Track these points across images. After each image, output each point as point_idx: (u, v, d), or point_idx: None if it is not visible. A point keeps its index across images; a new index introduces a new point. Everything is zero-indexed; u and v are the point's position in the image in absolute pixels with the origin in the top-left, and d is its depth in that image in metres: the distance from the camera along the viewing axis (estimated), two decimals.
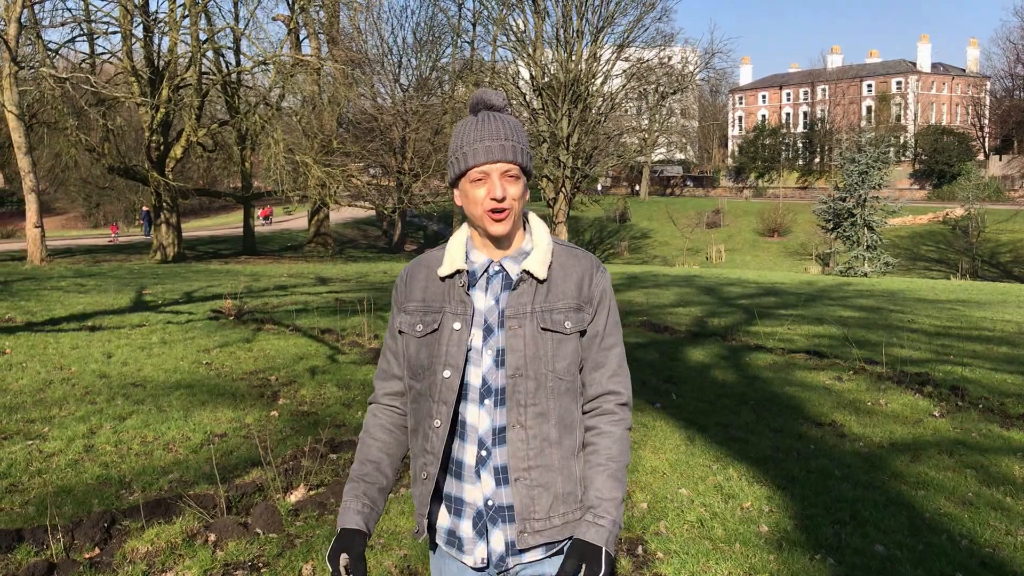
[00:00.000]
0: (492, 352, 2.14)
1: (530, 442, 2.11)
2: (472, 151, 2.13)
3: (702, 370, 9.46)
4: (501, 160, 2.12)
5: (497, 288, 2.19)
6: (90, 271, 22.54)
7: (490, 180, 2.12)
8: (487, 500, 2.14)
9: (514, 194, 2.14)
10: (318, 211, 41.44)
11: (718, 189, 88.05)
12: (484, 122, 2.16)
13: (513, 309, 2.14)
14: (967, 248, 52.75)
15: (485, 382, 2.14)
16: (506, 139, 2.13)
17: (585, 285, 2.21)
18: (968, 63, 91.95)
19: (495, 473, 2.13)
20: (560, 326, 2.15)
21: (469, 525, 2.17)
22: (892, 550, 4.55)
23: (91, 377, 8.64)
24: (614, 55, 42.63)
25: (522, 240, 2.25)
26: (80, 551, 4.40)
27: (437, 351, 2.16)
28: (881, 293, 19.49)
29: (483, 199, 2.12)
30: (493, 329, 2.15)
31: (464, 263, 2.21)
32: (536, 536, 2.12)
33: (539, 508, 2.12)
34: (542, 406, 2.12)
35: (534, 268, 2.16)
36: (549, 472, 2.13)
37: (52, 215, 61.25)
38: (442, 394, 2.14)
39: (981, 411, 7.48)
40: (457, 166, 2.16)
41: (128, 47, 30.22)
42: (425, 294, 2.24)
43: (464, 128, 2.17)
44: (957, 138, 75.33)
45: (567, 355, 2.16)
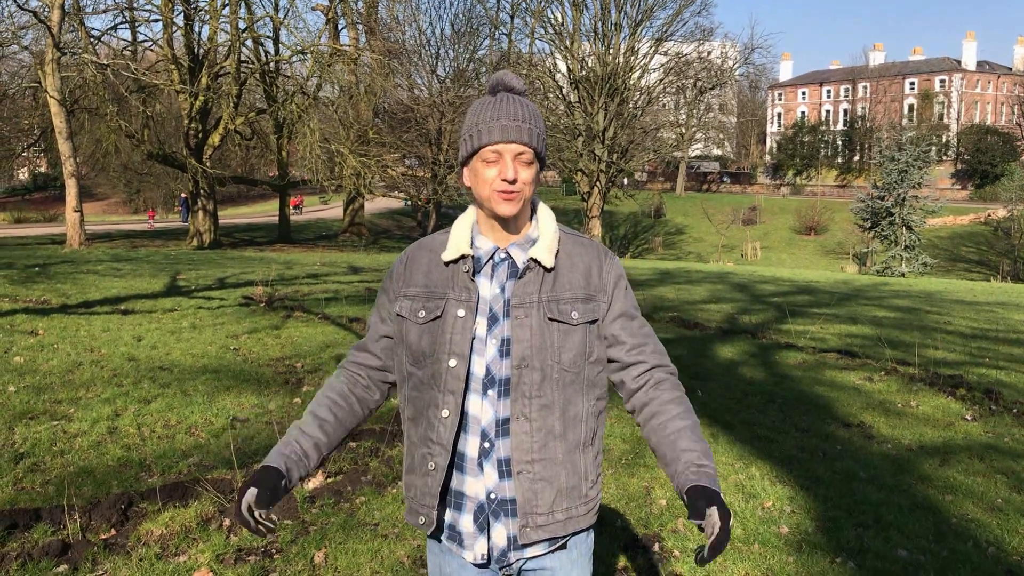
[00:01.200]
0: (497, 341, 2.08)
1: (534, 435, 2.05)
2: (487, 129, 2.05)
3: (730, 367, 9.35)
4: (517, 141, 2.05)
5: (503, 276, 2.13)
6: (127, 256, 22.82)
7: (503, 161, 2.05)
8: (490, 493, 2.08)
9: (526, 178, 2.07)
10: (353, 201, 41.68)
11: (755, 186, 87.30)
12: (502, 102, 2.09)
13: (519, 298, 2.08)
14: (1008, 250, 51.79)
15: (489, 372, 2.08)
16: (523, 121, 2.06)
17: (594, 275, 2.15)
18: (1015, 62, 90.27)
19: (498, 465, 2.08)
20: (567, 316, 2.09)
21: (470, 519, 2.11)
22: (915, 555, 4.45)
23: (120, 360, 8.72)
24: (652, 49, 42.34)
25: (529, 227, 2.18)
26: (96, 532, 4.42)
27: (440, 339, 2.09)
28: (918, 294, 19.18)
29: (493, 179, 2.06)
30: (498, 318, 2.09)
31: (469, 248, 2.14)
32: (539, 531, 2.07)
33: (542, 502, 2.06)
34: (547, 398, 2.06)
35: (541, 256, 2.10)
36: (553, 466, 2.07)
37: (93, 200, 62.25)
38: (448, 383, 2.07)
39: (1015, 416, 7.31)
40: (470, 143, 2.08)
41: (169, 35, 30.54)
42: (428, 279, 2.16)
43: (480, 106, 2.10)
44: (1001, 138, 74.04)
45: (573, 346, 2.09)
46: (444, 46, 49.64)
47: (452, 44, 49.46)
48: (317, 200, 68.13)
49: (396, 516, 4.79)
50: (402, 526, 4.66)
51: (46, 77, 25.62)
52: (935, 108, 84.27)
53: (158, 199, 61.02)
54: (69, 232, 26.71)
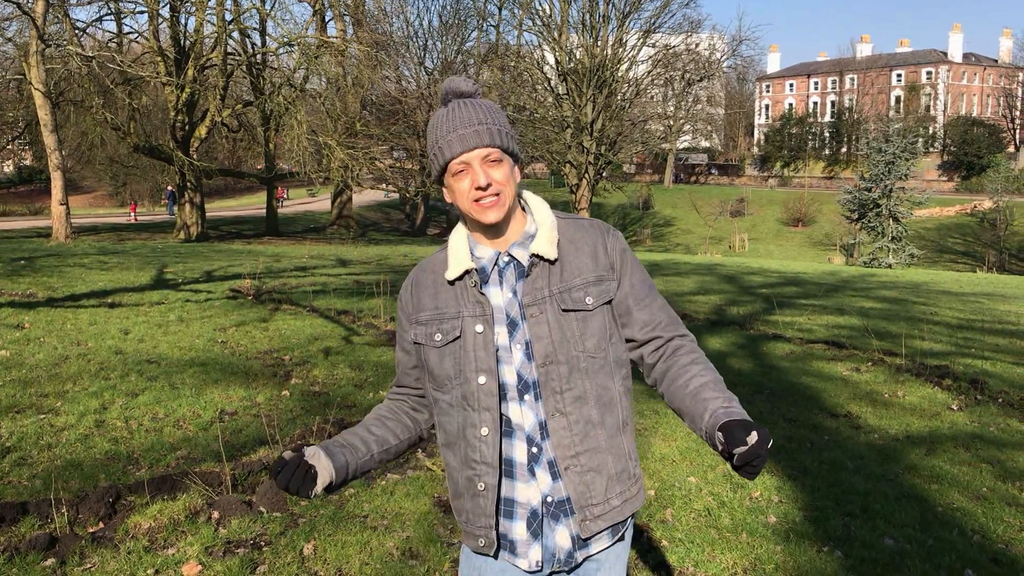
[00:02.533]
0: (521, 346, 2.05)
1: (572, 428, 2.03)
2: (447, 143, 2.01)
3: (719, 358, 9.37)
4: (478, 146, 2.00)
5: (511, 279, 2.09)
6: (113, 249, 22.70)
7: (471, 169, 2.01)
8: (546, 497, 2.05)
9: (499, 178, 2.02)
10: (341, 193, 41.58)
11: (743, 178, 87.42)
12: (454, 111, 2.04)
13: (530, 296, 2.05)
14: (994, 241, 52.11)
15: (521, 378, 2.04)
16: (479, 123, 2.01)
17: (600, 254, 2.11)
18: (1000, 54, 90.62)
19: (549, 467, 2.05)
20: (581, 304, 2.06)
21: (523, 526, 2.07)
22: (902, 544, 4.48)
23: (107, 353, 8.68)
24: (640, 41, 42.30)
25: (524, 223, 2.14)
26: (84, 525, 4.41)
27: (464, 358, 2.05)
28: (905, 285, 19.27)
29: (468, 190, 2.02)
30: (517, 322, 2.05)
31: (471, 261, 2.09)
32: (598, 521, 2.05)
33: (595, 493, 2.04)
34: (578, 389, 2.04)
35: (543, 249, 2.06)
36: (598, 454, 2.05)
37: (79, 193, 61.85)
38: (482, 401, 2.03)
39: (1001, 405, 7.36)
40: (436, 162, 2.04)
41: (155, 26, 30.37)
42: (436, 301, 2.12)
43: (436, 123, 2.05)
44: (987, 129, 74.36)
45: (595, 332, 2.07)
46: (432, 38, 49.57)
47: (440, 36, 49.40)
48: (305, 192, 68.10)
49: (385, 508, 4.79)
50: (391, 518, 4.66)
51: (30, 69, 25.45)
52: (922, 100, 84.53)
53: (144, 192, 60.69)
54: (55, 225, 26.56)
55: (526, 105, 40.58)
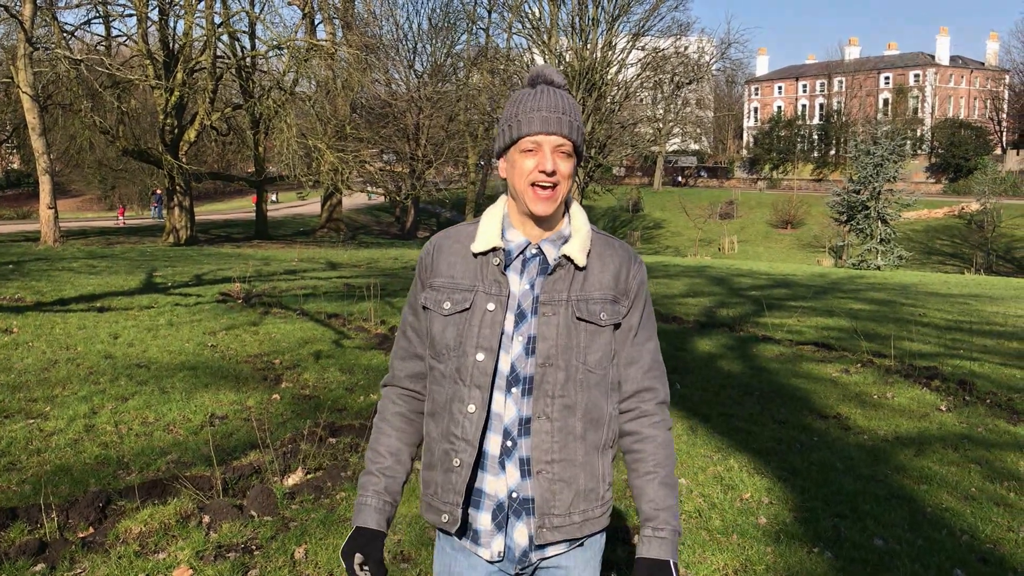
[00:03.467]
0: (523, 339, 2.04)
1: (555, 435, 2.02)
2: (527, 119, 2.02)
3: (708, 360, 9.40)
4: (557, 133, 2.01)
5: (533, 272, 2.08)
6: (102, 252, 22.62)
7: (541, 152, 2.01)
8: (512, 492, 2.05)
9: (564, 171, 2.03)
10: (330, 196, 41.49)
11: (732, 180, 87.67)
12: (543, 93, 2.05)
13: (548, 295, 2.04)
14: (982, 243, 52.38)
15: (514, 369, 2.04)
16: (564, 113, 2.03)
17: (623, 277, 2.12)
18: (987, 56, 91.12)
19: (520, 464, 2.05)
20: (595, 317, 2.06)
21: (488, 517, 2.07)
22: (891, 544, 4.50)
23: (96, 357, 8.65)
24: (629, 44, 42.40)
25: (562, 224, 2.14)
26: (74, 530, 4.40)
27: (468, 332, 2.05)
28: (893, 286, 19.35)
29: (531, 171, 2.02)
30: (526, 315, 2.05)
31: (500, 241, 2.09)
32: (555, 532, 2.05)
33: (559, 503, 2.04)
34: (570, 398, 2.03)
35: (574, 254, 2.06)
36: (572, 467, 2.05)
37: (68, 197, 61.60)
38: (475, 378, 2.03)
39: (989, 406, 7.40)
40: (509, 133, 2.05)
41: (143, 30, 30.24)
42: (454, 270, 2.11)
43: (521, 97, 2.07)
44: (974, 132, 74.74)
45: (600, 347, 2.07)
46: (421, 41, 49.63)
47: (429, 39, 49.45)
48: (294, 196, 67.91)
49: None
50: None
51: (18, 72, 25.32)
52: (909, 102, 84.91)
53: (133, 195, 60.44)
54: (43, 229, 26.43)
55: None
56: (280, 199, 67.04)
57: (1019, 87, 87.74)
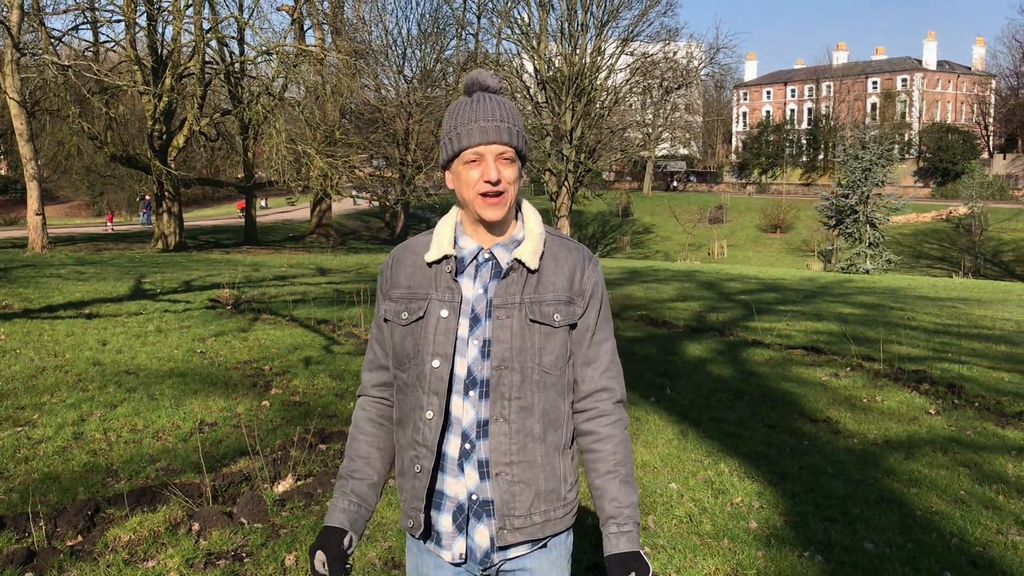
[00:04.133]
0: (478, 342, 2.07)
1: (513, 436, 2.05)
2: (467, 131, 2.05)
3: (698, 365, 9.42)
4: (496, 142, 2.04)
5: (486, 276, 2.12)
6: (91, 259, 22.53)
7: (484, 162, 2.04)
8: (471, 494, 2.08)
9: (509, 177, 2.06)
10: (320, 202, 41.39)
11: (721, 185, 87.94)
12: (479, 103, 2.08)
13: (501, 299, 2.07)
14: (970, 246, 52.63)
15: (470, 373, 2.07)
16: (502, 120, 2.05)
17: (577, 278, 2.14)
18: (974, 61, 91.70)
19: (479, 467, 2.07)
20: (549, 318, 2.08)
21: (449, 519, 2.10)
22: (881, 548, 4.51)
23: (84, 364, 8.61)
24: (618, 49, 42.49)
25: (514, 228, 2.17)
26: (62, 539, 4.37)
27: (424, 339, 2.08)
28: (882, 290, 19.42)
29: (476, 181, 2.05)
30: (480, 319, 2.08)
31: (452, 248, 2.13)
32: (515, 533, 2.06)
33: (520, 505, 2.06)
34: (527, 400, 2.06)
35: (526, 257, 2.09)
36: (531, 468, 2.07)
37: (55, 203, 61.31)
38: (432, 384, 2.07)
39: (977, 409, 7.43)
40: (450, 147, 2.08)
41: (131, 35, 30.14)
42: (411, 280, 2.15)
43: (458, 108, 2.09)
44: (962, 136, 75.19)
45: (555, 348, 2.09)
46: (411, 46, 49.51)
47: (419, 44, 49.33)
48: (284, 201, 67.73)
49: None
50: (372, 528, 4.65)
51: (6, 78, 25.20)
52: (897, 107, 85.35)
53: (122, 201, 60.19)
54: (31, 235, 26.29)
55: None
56: (269, 205, 66.84)
57: (1005, 92, 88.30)
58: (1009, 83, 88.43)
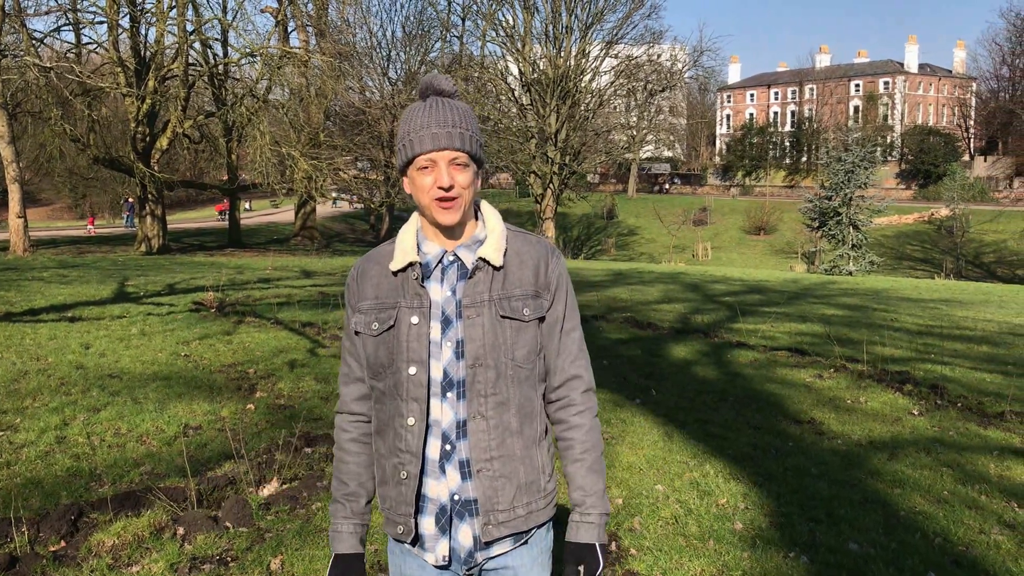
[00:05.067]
0: (452, 344, 2.09)
1: (491, 432, 2.07)
2: (419, 138, 2.06)
3: (683, 367, 9.45)
4: (448, 148, 2.05)
5: (453, 278, 2.13)
6: (73, 262, 22.38)
7: (437, 168, 2.06)
8: (453, 495, 2.09)
9: (462, 182, 2.07)
10: (304, 204, 41.27)
11: (705, 187, 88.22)
12: (432, 108, 2.08)
13: (470, 298, 2.09)
14: (952, 248, 53.01)
15: (446, 375, 2.08)
16: (453, 126, 2.06)
17: (542, 272, 2.16)
18: (955, 64, 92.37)
19: (460, 467, 2.08)
20: (519, 313, 2.10)
21: (432, 521, 2.11)
22: (866, 548, 4.54)
23: (67, 368, 8.55)
24: (603, 52, 42.59)
25: (475, 228, 2.19)
26: (45, 544, 4.34)
27: (397, 348, 2.10)
28: (865, 292, 19.53)
29: (430, 187, 2.06)
30: (451, 320, 2.10)
31: (416, 255, 2.14)
32: (500, 528, 2.08)
33: (503, 499, 2.08)
34: (502, 395, 2.08)
35: (490, 255, 2.11)
36: (511, 462, 2.09)
37: (38, 206, 60.90)
38: (411, 391, 2.08)
39: (960, 410, 7.48)
40: (404, 153, 2.09)
41: (114, 37, 29.97)
42: (378, 291, 2.16)
43: (411, 114, 2.10)
44: (943, 139, 75.73)
45: (526, 343, 2.12)
46: (395, 48, 49.53)
47: (403, 46, 49.36)
48: (268, 204, 67.55)
49: None
50: None
51: None
52: (879, 109, 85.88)
53: (105, 204, 59.81)
54: (12, 239, 26.12)
55: (490, 116, 40.61)
56: (253, 207, 66.66)
57: (986, 94, 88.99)
58: (989, 86, 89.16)
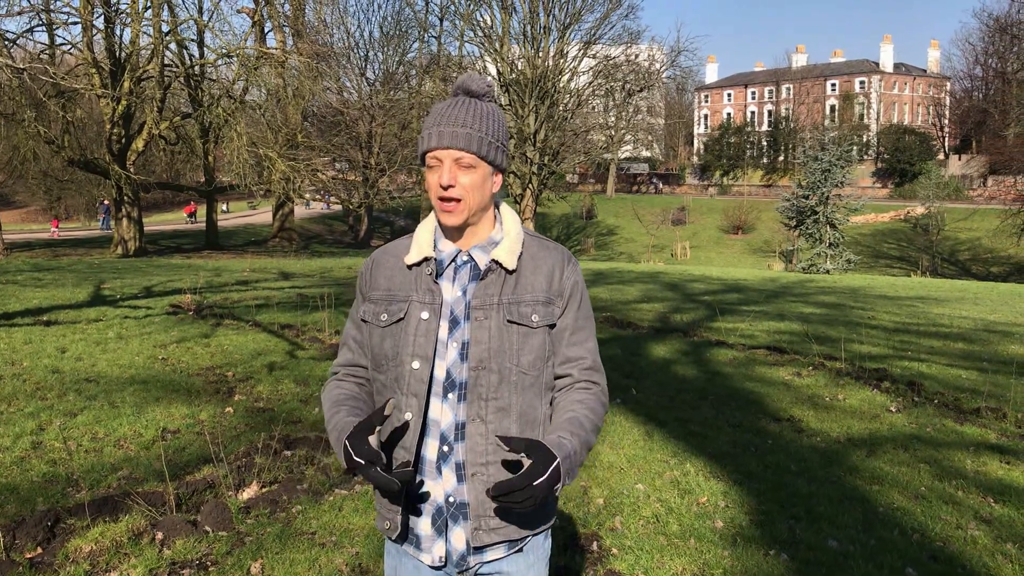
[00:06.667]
0: (458, 345, 2.07)
1: (489, 437, 2.04)
2: (428, 135, 2.06)
3: (663, 366, 9.47)
4: (451, 147, 2.03)
5: (465, 278, 2.11)
6: (48, 265, 22.16)
7: (442, 167, 2.05)
8: (448, 496, 2.06)
9: (465, 183, 2.04)
10: (282, 206, 41.11)
11: (683, 187, 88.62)
12: (450, 107, 2.07)
13: (479, 300, 2.07)
14: (927, 246, 53.51)
15: (449, 375, 2.06)
16: (463, 126, 2.04)
17: (556, 278, 2.14)
18: (929, 64, 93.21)
19: (456, 469, 2.06)
20: (527, 319, 2.08)
21: (428, 522, 2.09)
22: (845, 545, 4.57)
23: (43, 372, 8.46)
24: (581, 52, 42.70)
25: (492, 229, 2.17)
26: (21, 551, 4.29)
27: (404, 340, 2.08)
28: (842, 290, 19.67)
29: (434, 186, 2.06)
30: (459, 321, 2.08)
31: (432, 251, 2.13)
32: (491, 534, 2.05)
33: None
34: (504, 400, 2.05)
35: (503, 258, 2.09)
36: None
37: (11, 208, 60.34)
38: (411, 386, 2.05)
39: (936, 406, 7.55)
40: (418, 148, 2.11)
41: (89, 38, 29.73)
42: (391, 282, 2.15)
43: (433, 110, 2.10)
44: (918, 138, 76.46)
45: (533, 349, 2.09)
46: (373, 49, 49.54)
47: (381, 47, 49.29)
48: (245, 205, 67.18)
49: (334, 524, 4.74)
50: (339, 534, 4.62)
51: None
52: (855, 109, 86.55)
53: (80, 206, 59.31)
54: None
55: None
56: (231, 209, 66.27)
57: (960, 94, 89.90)
58: (963, 85, 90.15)
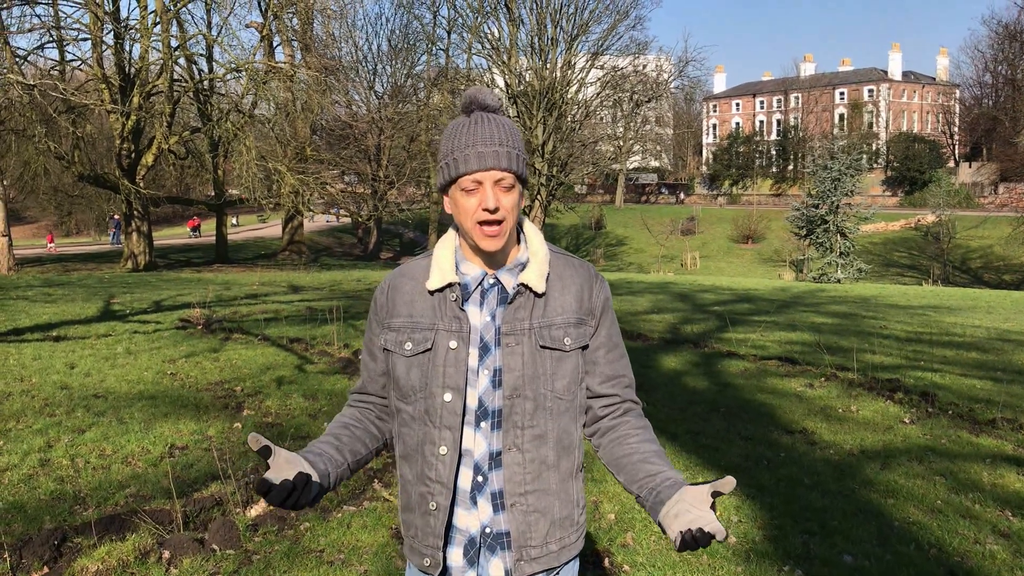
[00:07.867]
0: (489, 372, 1.99)
1: (527, 466, 1.98)
2: (463, 157, 1.94)
3: (674, 377, 9.41)
4: (495, 168, 1.93)
5: (493, 303, 2.03)
6: (59, 280, 22.22)
7: (483, 190, 1.94)
8: (485, 527, 2.01)
9: (508, 205, 1.95)
10: (292, 219, 41.21)
11: (692, 196, 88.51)
12: (477, 124, 1.97)
13: (510, 325, 1.99)
14: (938, 254, 53.28)
15: (482, 404, 1.99)
16: (500, 144, 1.95)
17: (585, 297, 2.07)
18: (938, 72, 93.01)
19: (492, 499, 2.00)
20: (559, 343, 2.01)
21: (460, 553, 2.03)
22: (860, 560, 4.50)
23: (52, 388, 8.45)
24: (588, 63, 42.78)
25: (518, 251, 2.08)
26: (27, 570, 4.25)
27: (432, 372, 2.00)
28: (854, 299, 19.57)
29: (475, 210, 1.94)
30: (490, 347, 2.00)
31: (455, 275, 2.03)
32: (533, 564, 2.00)
33: (536, 534, 2.00)
34: (540, 428, 1.99)
35: (532, 281, 2.01)
36: (546, 496, 2.01)
37: (23, 224, 60.60)
38: (444, 419, 1.98)
39: (951, 417, 7.47)
40: (447, 172, 1.97)
41: (98, 54, 29.88)
42: (412, 309, 2.05)
43: (456, 130, 1.99)
44: (928, 145, 76.22)
45: (567, 373, 2.03)
46: (381, 62, 49.61)
47: (389, 60, 49.43)
48: (255, 219, 67.41)
49: (342, 542, 4.69)
50: (348, 551, 4.57)
51: None
52: (864, 117, 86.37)
53: (91, 221, 59.60)
54: None
55: None
56: (241, 222, 66.50)
57: (969, 101, 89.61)
58: (972, 92, 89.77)
